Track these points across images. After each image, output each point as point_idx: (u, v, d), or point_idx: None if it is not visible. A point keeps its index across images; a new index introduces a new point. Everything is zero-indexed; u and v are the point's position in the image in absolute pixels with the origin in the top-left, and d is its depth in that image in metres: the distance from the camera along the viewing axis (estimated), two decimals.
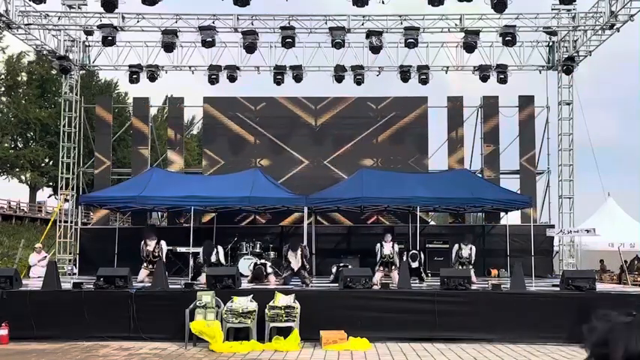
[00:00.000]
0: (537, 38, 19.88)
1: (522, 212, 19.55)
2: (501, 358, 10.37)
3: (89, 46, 20.81)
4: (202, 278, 13.86)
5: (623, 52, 25.98)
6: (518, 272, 12.75)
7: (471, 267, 15.33)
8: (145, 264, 15.27)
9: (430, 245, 18.21)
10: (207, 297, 11.54)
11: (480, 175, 20.11)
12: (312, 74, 20.38)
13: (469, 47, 18.69)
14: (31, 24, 18.39)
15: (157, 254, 15.21)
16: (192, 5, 21.23)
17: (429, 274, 16.22)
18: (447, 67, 20.52)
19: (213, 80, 20.26)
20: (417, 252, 15.55)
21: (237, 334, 11.49)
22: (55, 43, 19.90)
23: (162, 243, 15.45)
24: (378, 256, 14.76)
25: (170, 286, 12.75)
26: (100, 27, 18.24)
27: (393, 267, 14.51)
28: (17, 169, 42.50)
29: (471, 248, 15.68)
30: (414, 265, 15.00)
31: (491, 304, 12.06)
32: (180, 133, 21.63)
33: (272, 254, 16.65)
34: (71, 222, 20.54)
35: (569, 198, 20.38)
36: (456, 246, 15.82)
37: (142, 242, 15.43)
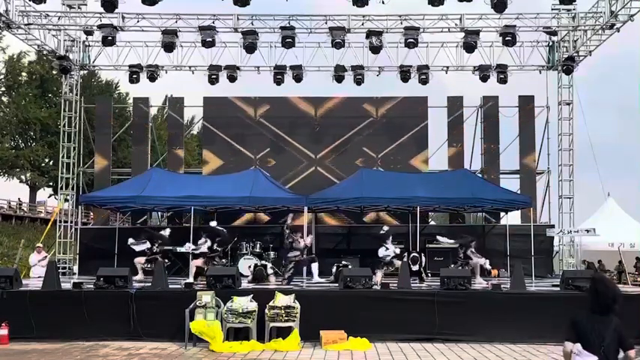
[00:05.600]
0: (537, 38, 19.88)
1: (522, 212, 19.54)
2: (501, 358, 10.37)
3: (89, 46, 20.80)
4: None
5: (624, 52, 25.94)
6: (518, 272, 12.75)
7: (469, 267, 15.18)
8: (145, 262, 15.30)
9: (430, 245, 18.19)
10: (207, 297, 11.54)
11: (480, 175, 20.10)
12: (312, 74, 20.40)
13: (469, 47, 18.68)
14: (31, 24, 18.38)
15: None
16: (192, 5, 21.15)
17: (429, 274, 16.19)
18: (447, 67, 20.50)
19: (213, 80, 20.27)
20: (417, 255, 15.48)
21: (237, 334, 11.49)
22: (55, 43, 19.90)
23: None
24: (391, 256, 14.40)
25: (170, 286, 12.75)
26: (100, 27, 18.24)
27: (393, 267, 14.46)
28: (17, 169, 42.50)
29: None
30: (415, 268, 14.91)
31: (491, 304, 12.06)
32: (181, 133, 21.64)
33: (272, 254, 16.62)
34: (71, 222, 20.55)
35: (569, 198, 20.38)
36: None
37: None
